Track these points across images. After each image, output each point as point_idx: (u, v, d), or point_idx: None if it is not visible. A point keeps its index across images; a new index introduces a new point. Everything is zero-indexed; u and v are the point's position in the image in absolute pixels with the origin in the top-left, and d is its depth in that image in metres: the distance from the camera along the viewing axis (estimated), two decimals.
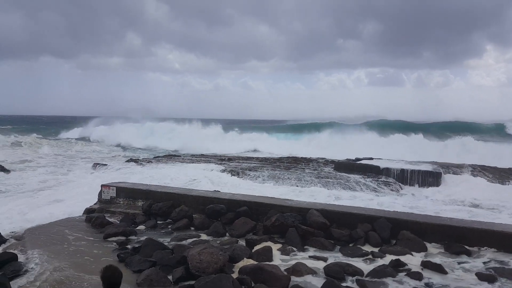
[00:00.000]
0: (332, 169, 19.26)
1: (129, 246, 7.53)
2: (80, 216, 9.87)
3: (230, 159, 21.94)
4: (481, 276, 6.12)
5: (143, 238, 7.78)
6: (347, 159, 22.13)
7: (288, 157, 23.54)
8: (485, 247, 7.30)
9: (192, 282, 5.69)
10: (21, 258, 6.75)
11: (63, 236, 8.07)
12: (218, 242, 7.82)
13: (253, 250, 7.15)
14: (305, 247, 7.58)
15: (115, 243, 7.72)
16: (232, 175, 16.96)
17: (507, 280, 6.00)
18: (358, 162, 20.42)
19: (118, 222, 9.21)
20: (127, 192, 10.54)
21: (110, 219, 9.29)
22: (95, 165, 20.42)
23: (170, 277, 6.01)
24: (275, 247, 7.42)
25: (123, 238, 8.02)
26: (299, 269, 6.29)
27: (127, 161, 20.95)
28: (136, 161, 20.83)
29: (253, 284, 5.65)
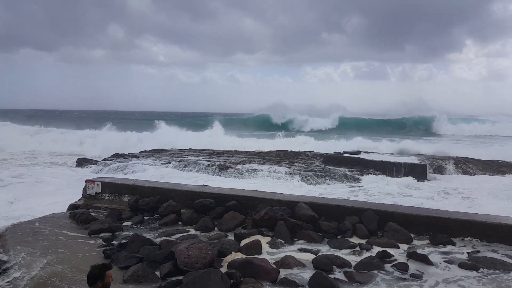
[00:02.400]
0: (321, 163, 19.37)
1: (115, 242, 7.44)
2: (64, 212, 9.70)
3: (219, 153, 21.85)
4: (464, 266, 6.23)
5: (129, 234, 7.69)
6: (335, 152, 22.29)
7: (277, 151, 23.56)
8: (469, 237, 7.44)
9: (180, 278, 5.65)
10: (2, 256, 6.60)
11: (47, 233, 7.92)
12: (207, 237, 7.78)
13: (242, 244, 7.14)
14: (294, 240, 7.60)
15: (100, 239, 7.62)
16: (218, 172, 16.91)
17: (489, 269, 6.12)
18: (346, 155, 20.60)
19: (104, 218, 9.09)
20: (112, 187, 10.39)
21: (95, 215, 9.16)
22: (81, 160, 20.12)
23: (157, 273, 5.95)
24: (264, 241, 7.42)
25: (109, 234, 7.91)
26: (288, 262, 6.31)
27: (113, 155, 20.70)
28: (123, 156, 20.60)
29: (242, 278, 5.64)
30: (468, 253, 6.88)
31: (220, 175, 16.40)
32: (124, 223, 8.77)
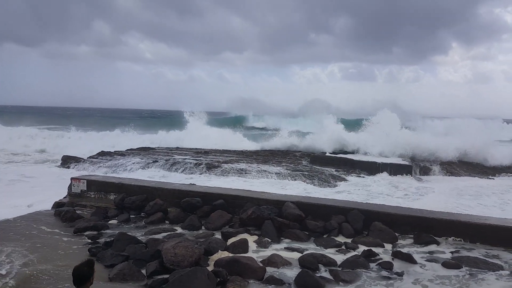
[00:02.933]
0: (308, 163, 19.47)
1: (100, 241, 7.37)
2: (49, 210, 9.57)
3: (207, 152, 21.79)
4: (447, 265, 6.35)
5: (115, 232, 7.62)
6: (322, 152, 22.42)
7: (264, 150, 23.61)
8: (452, 237, 7.57)
9: (167, 276, 5.63)
10: None
11: (31, 231, 7.81)
12: (194, 235, 7.76)
13: (229, 243, 7.15)
14: (281, 238, 7.63)
15: (86, 238, 7.54)
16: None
17: (472, 268, 6.25)
18: (333, 155, 20.74)
19: (89, 216, 8.99)
20: (98, 185, 10.29)
21: (80, 213, 9.05)
22: (66, 158, 19.81)
23: (143, 271, 5.92)
24: (251, 239, 7.44)
25: (95, 232, 7.83)
26: (274, 261, 6.34)
27: (99, 153, 20.46)
28: (108, 154, 20.38)
29: (228, 276, 5.65)
30: (451, 252, 7.00)
31: (208, 174, 16.35)
32: (110, 221, 8.69)
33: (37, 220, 8.57)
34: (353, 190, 14.12)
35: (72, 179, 10.66)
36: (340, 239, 7.64)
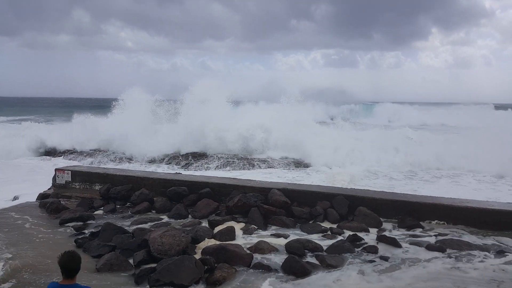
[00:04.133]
0: None
1: (86, 231, 7.31)
2: (33, 201, 9.43)
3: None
4: (431, 248, 6.51)
5: (101, 223, 7.57)
6: None
7: None
8: (436, 221, 7.75)
9: (154, 265, 5.63)
10: None
11: (16, 222, 7.70)
12: (181, 224, 7.77)
13: (216, 231, 7.18)
14: (267, 225, 7.70)
15: (72, 228, 7.47)
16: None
17: (455, 251, 6.42)
18: None
19: (75, 207, 8.89)
20: (83, 176, 10.16)
21: (66, 204, 8.95)
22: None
23: (131, 261, 5.91)
24: (238, 227, 7.48)
25: (80, 223, 7.76)
26: (261, 247, 6.40)
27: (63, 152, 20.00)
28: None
29: (216, 264, 5.68)
30: (435, 235, 7.17)
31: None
32: (96, 212, 8.63)
33: (22, 212, 8.44)
34: (336, 176, 14.23)
35: (56, 170, 10.50)
36: (326, 224, 7.74)
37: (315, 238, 7.04)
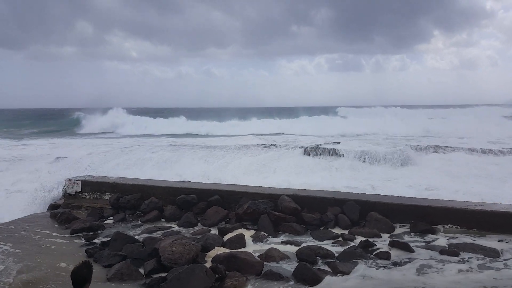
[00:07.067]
0: (301, 154, 19.46)
1: (97, 241, 7.33)
2: (44, 212, 9.50)
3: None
4: (445, 252, 6.39)
5: (112, 232, 7.58)
6: (315, 144, 22.41)
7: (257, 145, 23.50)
8: (449, 225, 7.62)
9: (165, 274, 5.60)
10: None
11: (27, 233, 7.75)
12: (190, 232, 7.74)
13: (225, 239, 7.14)
14: (278, 232, 7.63)
15: (82, 239, 7.49)
16: None
17: (469, 255, 6.30)
18: (326, 147, 20.75)
19: (85, 217, 8.93)
20: (92, 186, 10.22)
21: (76, 214, 8.99)
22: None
23: (141, 270, 5.90)
24: (248, 234, 7.43)
25: (91, 233, 7.78)
26: (272, 255, 6.34)
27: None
28: None
29: (226, 272, 5.64)
30: (448, 239, 7.05)
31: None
32: (106, 221, 8.65)
33: (33, 222, 8.50)
34: (347, 180, 14.10)
35: (66, 180, 10.57)
36: (337, 230, 7.66)
37: (326, 244, 6.97)
